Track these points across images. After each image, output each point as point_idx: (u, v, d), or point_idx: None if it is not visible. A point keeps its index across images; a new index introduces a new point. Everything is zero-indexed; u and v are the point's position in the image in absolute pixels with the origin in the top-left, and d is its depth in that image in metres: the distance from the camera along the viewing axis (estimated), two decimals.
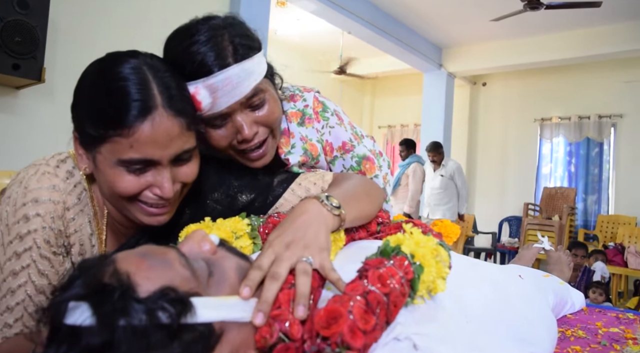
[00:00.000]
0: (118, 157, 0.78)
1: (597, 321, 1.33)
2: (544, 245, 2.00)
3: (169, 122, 0.79)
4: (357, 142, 1.22)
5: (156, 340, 0.49)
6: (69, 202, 0.87)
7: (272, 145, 1.05)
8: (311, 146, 1.15)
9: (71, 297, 0.51)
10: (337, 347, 0.54)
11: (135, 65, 0.80)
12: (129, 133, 0.76)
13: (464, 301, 0.75)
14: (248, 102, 0.96)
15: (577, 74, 7.09)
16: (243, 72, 0.93)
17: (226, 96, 0.92)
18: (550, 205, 6.73)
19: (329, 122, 1.17)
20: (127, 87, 0.77)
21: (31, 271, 0.84)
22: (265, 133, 1.01)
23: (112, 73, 0.79)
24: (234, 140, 0.99)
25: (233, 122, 0.97)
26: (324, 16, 5.47)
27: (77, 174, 0.89)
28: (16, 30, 2.62)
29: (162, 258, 0.57)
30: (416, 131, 8.34)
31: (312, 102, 1.17)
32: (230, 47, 0.93)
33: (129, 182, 0.80)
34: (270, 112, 1.00)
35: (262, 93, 0.98)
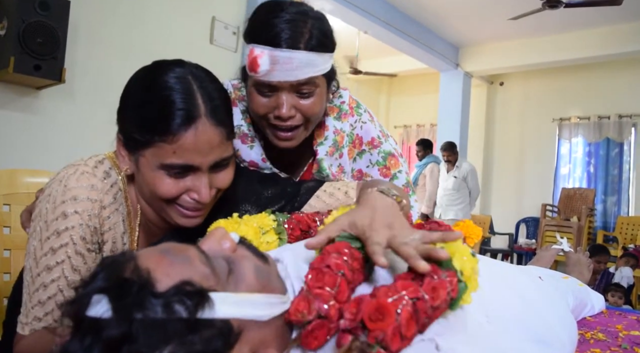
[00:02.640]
0: (161, 161, 0.83)
1: (617, 324, 1.31)
2: (563, 247, 1.97)
3: (210, 131, 0.84)
4: (384, 139, 1.29)
5: (173, 332, 0.50)
6: (106, 201, 0.91)
7: (301, 135, 1.11)
8: (341, 138, 1.21)
9: (93, 290, 0.52)
10: (375, 342, 0.54)
11: (180, 74, 0.85)
12: (173, 140, 0.81)
13: (485, 302, 0.75)
14: (298, 87, 1.04)
15: (597, 73, 6.99)
16: (306, 60, 1.01)
17: (282, 72, 1.00)
18: (569, 206, 6.64)
19: (361, 118, 1.25)
20: (173, 96, 0.82)
21: (65, 267, 0.87)
22: (299, 120, 1.07)
23: (158, 81, 0.84)
24: (270, 113, 1.06)
25: (277, 97, 1.04)
26: (340, 16, 5.46)
27: (114, 174, 0.93)
28: (37, 31, 2.67)
29: (183, 255, 0.58)
30: (432, 131, 8.29)
31: (348, 99, 1.25)
32: (307, 34, 1.02)
33: (169, 185, 0.85)
34: (313, 105, 1.07)
35: (314, 87, 1.05)
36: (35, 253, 0.88)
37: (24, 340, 0.87)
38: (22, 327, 0.87)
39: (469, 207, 6.05)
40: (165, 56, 0.93)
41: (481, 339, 0.64)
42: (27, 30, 2.63)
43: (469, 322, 0.66)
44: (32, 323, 0.87)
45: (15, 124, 2.91)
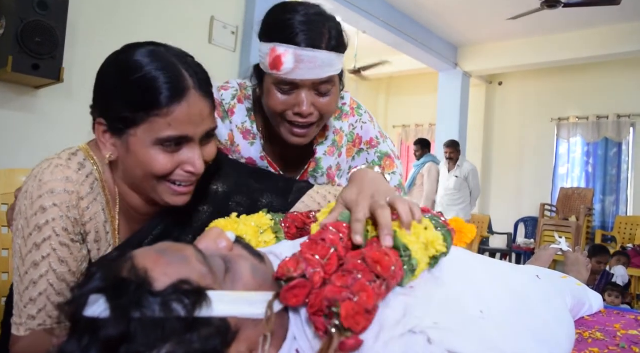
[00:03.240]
0: (156, 136, 0.84)
1: (616, 323, 1.31)
2: (561, 246, 1.98)
3: (201, 102, 0.87)
4: (382, 140, 1.33)
5: (172, 331, 0.50)
6: (83, 192, 0.91)
7: (314, 132, 1.16)
8: (340, 138, 1.25)
9: (91, 290, 0.52)
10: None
11: (162, 51, 0.87)
12: (167, 112, 0.83)
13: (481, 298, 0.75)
14: (317, 86, 1.08)
15: (596, 73, 7.00)
16: (327, 60, 1.06)
17: (306, 70, 1.04)
18: (567, 206, 6.65)
19: (362, 118, 1.29)
20: (162, 71, 0.83)
21: (52, 260, 0.87)
22: (316, 118, 1.11)
23: (142, 59, 0.84)
24: (289, 110, 1.09)
25: (297, 95, 1.08)
26: (339, 16, 5.44)
27: (89, 164, 0.93)
28: (36, 30, 2.66)
29: (180, 255, 0.58)
30: (431, 131, 8.29)
31: (349, 100, 1.30)
32: (327, 34, 1.07)
33: (164, 160, 0.86)
34: (330, 103, 1.12)
35: (332, 86, 1.10)
36: (21, 252, 0.88)
37: (20, 341, 0.87)
38: (17, 328, 0.87)
39: (470, 207, 6.06)
40: None
41: (474, 333, 0.65)
42: (26, 29, 2.62)
43: (462, 315, 0.67)
44: (27, 323, 0.86)
45: (13, 124, 2.90)
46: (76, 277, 0.90)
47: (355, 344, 0.58)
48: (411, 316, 0.61)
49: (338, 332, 0.57)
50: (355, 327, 0.58)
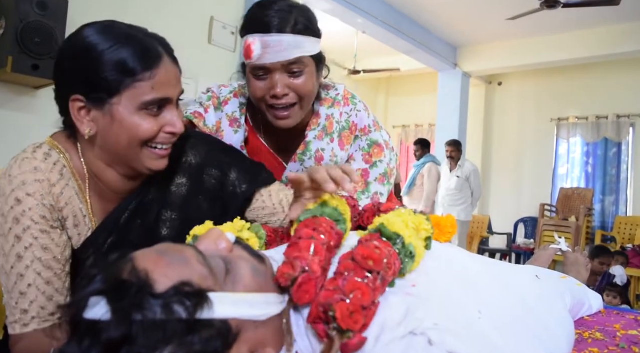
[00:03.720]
0: (141, 100, 0.88)
1: (615, 323, 1.31)
2: (561, 247, 1.97)
3: (173, 67, 0.93)
4: (375, 129, 1.38)
5: (173, 333, 0.50)
6: (53, 179, 0.93)
7: (297, 114, 1.21)
8: (330, 124, 1.32)
9: (91, 292, 0.52)
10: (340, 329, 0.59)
11: (127, 26, 0.93)
12: (150, 76, 0.88)
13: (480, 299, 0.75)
14: (288, 67, 1.14)
15: (595, 73, 7.00)
16: (294, 42, 1.12)
17: (273, 54, 1.11)
18: (567, 206, 6.65)
19: (356, 107, 1.36)
20: (137, 41, 0.89)
21: (35, 249, 0.89)
22: (294, 98, 1.17)
23: (113, 32, 0.89)
24: (267, 95, 1.17)
25: (271, 78, 1.15)
26: (338, 16, 5.46)
27: (54, 154, 0.95)
28: (35, 31, 2.66)
29: (180, 256, 0.58)
30: (431, 131, 8.29)
31: (343, 92, 1.37)
32: (293, 21, 1.14)
33: (150, 124, 0.90)
34: (304, 83, 1.17)
35: (303, 66, 1.15)
36: (4, 249, 0.89)
37: (21, 342, 0.87)
38: (13, 327, 0.87)
39: (471, 207, 6.05)
40: None
41: (474, 334, 0.65)
42: (25, 30, 2.62)
43: (462, 316, 0.67)
44: (21, 318, 0.87)
45: (13, 124, 2.90)
46: (61, 264, 0.92)
47: (359, 342, 0.58)
48: (412, 317, 0.62)
49: (339, 335, 0.57)
50: (354, 326, 0.58)
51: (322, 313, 0.60)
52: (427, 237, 0.81)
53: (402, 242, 0.71)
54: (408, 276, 0.72)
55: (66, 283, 0.93)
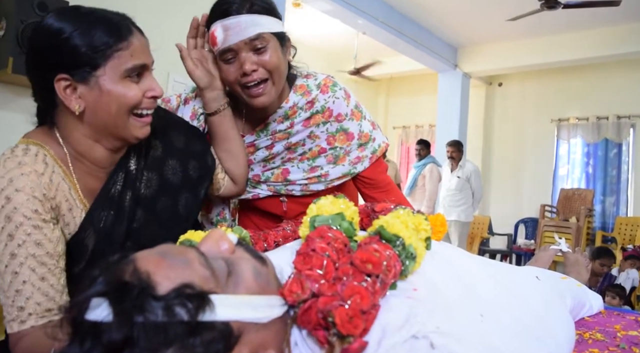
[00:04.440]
0: (123, 68, 0.95)
1: (616, 324, 1.31)
2: (561, 247, 1.97)
3: (141, 36, 1.01)
4: (352, 118, 1.39)
5: (175, 335, 0.50)
6: (39, 169, 0.94)
7: (270, 90, 1.25)
8: (292, 112, 1.34)
9: (93, 294, 0.52)
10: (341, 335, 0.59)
11: (88, 7, 0.98)
12: (128, 45, 0.95)
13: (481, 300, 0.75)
14: (252, 44, 1.19)
15: (596, 73, 7.00)
16: (251, 21, 1.18)
17: (235, 35, 1.17)
18: (568, 207, 6.65)
19: (335, 94, 1.36)
20: (106, 16, 0.96)
21: (28, 245, 0.89)
22: (263, 74, 1.21)
23: (81, 13, 0.95)
24: (237, 76, 1.22)
25: (239, 59, 1.20)
26: (338, 17, 5.47)
27: (32, 147, 0.97)
28: None
29: (182, 258, 0.58)
30: (431, 132, 8.29)
31: (323, 80, 1.38)
32: (248, 3, 1.19)
33: (135, 90, 0.97)
34: (270, 58, 1.21)
35: (265, 42, 1.20)
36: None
37: (20, 342, 0.87)
38: (10, 325, 0.88)
39: (472, 208, 6.03)
40: (162, 56, 1.01)
41: (475, 337, 0.65)
42: (26, 30, 2.62)
43: (464, 319, 0.67)
44: (19, 316, 0.87)
45: (13, 125, 2.90)
46: (55, 260, 0.92)
47: (360, 347, 0.58)
48: (414, 320, 0.61)
49: (339, 340, 0.57)
50: (354, 331, 0.58)
51: (321, 320, 0.60)
52: (427, 237, 0.81)
53: (402, 243, 0.71)
54: (409, 278, 0.72)
55: (61, 280, 0.93)
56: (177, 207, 1.14)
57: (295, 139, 1.36)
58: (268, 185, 1.42)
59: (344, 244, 0.73)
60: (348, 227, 0.78)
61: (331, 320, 0.58)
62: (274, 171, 1.40)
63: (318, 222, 0.78)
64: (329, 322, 0.59)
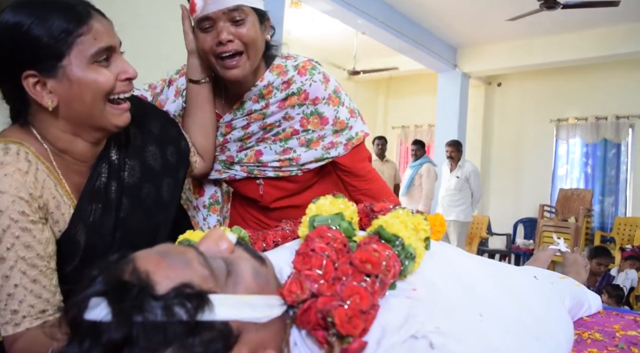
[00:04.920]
0: (89, 53, 0.92)
1: (615, 324, 1.32)
2: (560, 247, 1.97)
3: (103, 18, 0.97)
4: (328, 102, 1.37)
5: (174, 335, 0.50)
6: (23, 167, 0.91)
7: (245, 64, 1.24)
8: (267, 91, 1.34)
9: (92, 293, 0.52)
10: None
11: None
12: (88, 29, 0.92)
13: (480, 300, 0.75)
14: (230, 15, 1.19)
15: (594, 74, 7.00)
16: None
17: (214, 4, 1.17)
18: (566, 207, 6.65)
19: (312, 78, 1.34)
20: (59, 4, 0.92)
21: (17, 248, 0.87)
22: (239, 46, 1.21)
23: (32, 5, 0.91)
24: (213, 45, 1.21)
25: (216, 29, 1.20)
26: (338, 17, 5.46)
27: (12, 146, 0.93)
28: None
29: (181, 258, 0.58)
30: (430, 132, 8.30)
31: (302, 62, 1.37)
32: None
33: (106, 75, 0.94)
34: (247, 31, 1.21)
35: (244, 14, 1.20)
36: None
37: (16, 343, 0.87)
38: (5, 328, 0.87)
39: (471, 208, 6.03)
40: (161, 56, 0.97)
41: (475, 337, 0.65)
42: None
43: (463, 319, 0.67)
44: (12, 319, 0.86)
45: None
46: (45, 261, 0.90)
47: (359, 347, 0.58)
48: (413, 320, 0.61)
49: (338, 340, 0.57)
50: (354, 331, 0.58)
51: (320, 320, 0.60)
52: (426, 237, 0.81)
53: (402, 243, 0.71)
54: (409, 278, 0.72)
55: (53, 280, 0.92)
56: (160, 193, 1.14)
57: (271, 119, 1.35)
58: (241, 165, 1.41)
59: (343, 244, 0.73)
60: (347, 227, 0.77)
61: (330, 320, 0.58)
62: (247, 152, 1.40)
63: (317, 222, 0.77)
64: (328, 322, 0.59)
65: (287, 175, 1.40)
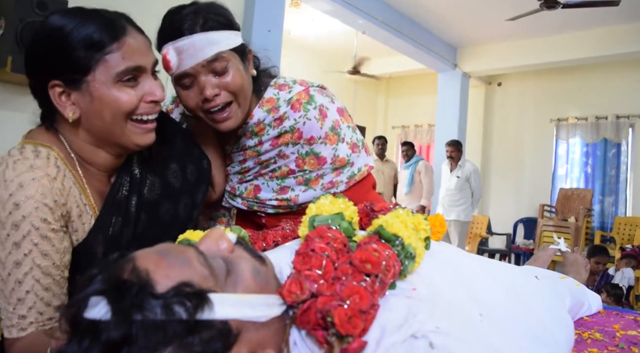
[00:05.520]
0: (114, 71, 0.89)
1: (615, 324, 1.32)
2: (560, 247, 1.97)
3: (140, 36, 0.95)
4: (325, 142, 1.25)
5: (173, 334, 0.50)
6: (52, 172, 0.90)
7: (237, 112, 1.16)
8: (259, 129, 1.25)
9: (92, 292, 0.52)
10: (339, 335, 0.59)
11: (78, 7, 0.93)
12: (118, 46, 0.89)
13: (479, 299, 0.75)
14: (210, 66, 1.09)
15: (594, 73, 7.00)
16: (206, 40, 1.07)
17: (190, 58, 1.07)
18: (566, 207, 6.65)
19: (307, 114, 1.23)
20: (100, 16, 0.91)
21: (34, 255, 0.86)
22: (227, 97, 1.12)
23: (76, 12, 0.90)
24: (199, 101, 1.12)
25: (198, 84, 1.10)
26: (338, 16, 5.46)
27: (41, 149, 0.92)
28: None
29: (181, 257, 0.58)
30: (430, 131, 8.30)
31: (297, 94, 1.25)
32: (201, 19, 1.08)
33: (129, 95, 0.91)
34: (232, 79, 1.11)
35: (225, 61, 1.10)
36: (0, 256, 0.86)
37: (18, 342, 0.86)
38: (10, 331, 0.86)
39: (472, 208, 6.04)
40: None
41: (475, 336, 0.65)
42: (25, 30, 2.62)
43: (463, 319, 0.67)
44: (19, 323, 0.85)
45: (12, 124, 2.90)
46: (60, 270, 0.90)
47: (359, 347, 0.58)
48: (413, 320, 0.61)
49: (338, 340, 0.57)
50: (353, 331, 0.58)
51: (320, 320, 0.60)
52: (426, 237, 0.81)
53: (402, 243, 0.71)
54: (409, 278, 0.72)
55: (64, 289, 0.91)
56: (177, 211, 1.12)
57: (265, 156, 1.28)
58: (242, 199, 1.35)
59: (343, 244, 0.73)
60: (347, 226, 0.77)
61: (330, 320, 0.58)
62: (246, 186, 1.33)
63: (317, 222, 0.77)
64: (328, 322, 0.59)
65: (287, 211, 1.33)
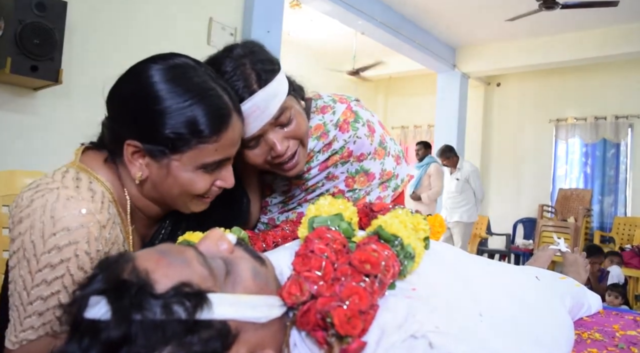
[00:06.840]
0: (202, 161, 0.86)
1: (614, 324, 1.32)
2: (560, 247, 1.97)
3: (239, 124, 0.91)
4: (375, 157, 1.26)
5: (172, 333, 0.51)
6: (103, 220, 0.84)
7: (303, 154, 1.12)
8: (309, 158, 1.20)
9: (92, 292, 0.52)
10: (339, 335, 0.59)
11: (194, 72, 0.86)
12: (216, 139, 0.85)
13: (479, 300, 0.75)
14: (276, 122, 1.03)
15: (594, 74, 7.01)
16: (268, 96, 0.99)
17: (256, 121, 0.99)
18: (566, 207, 6.66)
19: (357, 133, 1.22)
20: (208, 99, 0.84)
21: (65, 280, 0.81)
22: (295, 145, 1.08)
23: (184, 84, 0.84)
24: (268, 156, 1.06)
25: (265, 140, 1.04)
26: (337, 17, 5.47)
27: (97, 187, 0.87)
28: (34, 32, 2.66)
29: (181, 257, 0.58)
30: (430, 132, 8.30)
31: (342, 115, 1.22)
32: (253, 74, 0.99)
33: (205, 181, 0.89)
34: (298, 126, 1.06)
35: (288, 110, 1.04)
36: (24, 282, 0.81)
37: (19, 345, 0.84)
38: (17, 335, 0.83)
39: (475, 208, 6.02)
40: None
41: (474, 337, 0.65)
42: (24, 31, 2.62)
43: (462, 319, 0.67)
44: (29, 333, 0.82)
45: (11, 125, 2.90)
46: None
47: (359, 347, 0.58)
48: (413, 320, 0.62)
49: (338, 341, 0.57)
50: (353, 331, 0.58)
51: (320, 320, 0.60)
52: (426, 237, 0.81)
53: (401, 243, 0.71)
54: (408, 278, 0.72)
55: None
56: None
57: (313, 181, 1.23)
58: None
59: (343, 245, 0.73)
60: (347, 227, 0.77)
61: (329, 321, 0.58)
62: (288, 215, 1.27)
63: (317, 223, 0.77)
64: (328, 322, 0.59)
65: None
